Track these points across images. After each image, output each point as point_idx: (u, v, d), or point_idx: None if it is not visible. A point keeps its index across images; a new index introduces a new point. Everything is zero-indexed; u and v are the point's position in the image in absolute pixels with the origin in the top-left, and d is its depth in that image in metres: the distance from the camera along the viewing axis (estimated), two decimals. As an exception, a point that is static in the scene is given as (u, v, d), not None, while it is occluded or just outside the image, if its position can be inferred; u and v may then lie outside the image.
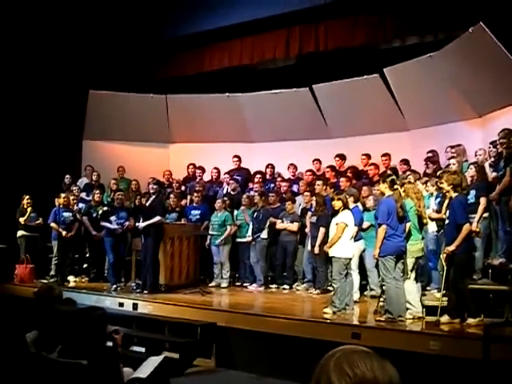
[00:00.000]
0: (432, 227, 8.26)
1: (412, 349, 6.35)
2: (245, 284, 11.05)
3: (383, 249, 7.23)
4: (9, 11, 12.42)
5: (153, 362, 4.99)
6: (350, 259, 8.12)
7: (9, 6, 12.38)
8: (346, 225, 7.93)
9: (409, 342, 6.49)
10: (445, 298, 7.17)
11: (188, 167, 13.34)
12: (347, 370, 1.49)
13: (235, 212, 11.43)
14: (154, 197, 10.20)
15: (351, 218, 8.07)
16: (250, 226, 10.95)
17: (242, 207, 11.25)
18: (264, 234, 10.77)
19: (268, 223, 10.76)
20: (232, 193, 12.00)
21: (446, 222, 7.28)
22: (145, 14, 13.17)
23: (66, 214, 11.17)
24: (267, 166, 12.57)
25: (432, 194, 8.62)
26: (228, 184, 12.28)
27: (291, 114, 12.67)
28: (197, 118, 13.57)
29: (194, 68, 13.45)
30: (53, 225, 11.14)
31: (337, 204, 8.06)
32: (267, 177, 12.49)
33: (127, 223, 10.63)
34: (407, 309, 7.31)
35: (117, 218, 10.56)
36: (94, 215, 11.34)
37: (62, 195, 11.38)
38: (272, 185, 12.14)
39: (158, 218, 9.95)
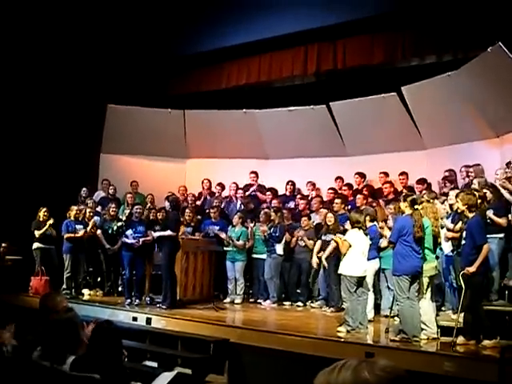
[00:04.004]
0: (447, 247, 8.15)
1: (426, 370, 6.24)
2: (258, 300, 11.00)
3: (399, 268, 7.17)
4: (28, 26, 12.59)
5: (165, 378, 4.99)
6: (360, 277, 7.99)
7: (28, 20, 12.56)
8: (350, 245, 7.88)
9: (423, 363, 6.38)
10: (461, 319, 7.08)
11: (202, 182, 13.29)
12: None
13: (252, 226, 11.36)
14: (167, 212, 10.22)
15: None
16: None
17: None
18: (280, 251, 10.71)
19: (284, 240, 10.72)
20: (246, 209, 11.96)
21: (463, 242, 7.19)
22: (163, 30, 13.29)
23: (78, 227, 11.16)
24: (287, 183, 12.49)
25: (447, 212, 8.52)
26: (241, 200, 12.26)
27: (308, 131, 12.68)
28: (214, 134, 13.62)
29: (212, 84, 13.54)
30: (67, 236, 11.09)
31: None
32: (287, 194, 12.44)
33: (147, 238, 10.47)
34: (422, 329, 7.24)
35: (134, 231, 10.50)
36: (110, 232, 11.38)
37: (74, 208, 11.36)
38: (292, 202, 12.09)
39: (169, 232, 9.96)
